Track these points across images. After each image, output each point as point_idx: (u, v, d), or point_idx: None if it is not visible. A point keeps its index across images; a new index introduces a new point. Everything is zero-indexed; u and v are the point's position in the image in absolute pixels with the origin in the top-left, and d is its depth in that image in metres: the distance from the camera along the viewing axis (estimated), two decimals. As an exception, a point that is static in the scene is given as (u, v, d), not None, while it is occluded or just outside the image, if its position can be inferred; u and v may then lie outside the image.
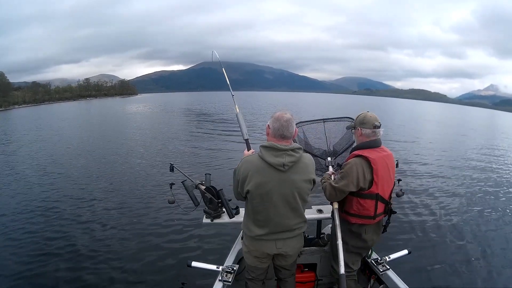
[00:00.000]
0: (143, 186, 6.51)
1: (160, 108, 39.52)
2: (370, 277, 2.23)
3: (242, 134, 2.24)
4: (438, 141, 14.99)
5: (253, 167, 1.63)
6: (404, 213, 5.20)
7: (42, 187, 6.59)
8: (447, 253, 3.99)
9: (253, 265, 1.87)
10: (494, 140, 16.92)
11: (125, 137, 13.97)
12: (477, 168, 9.11)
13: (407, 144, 12.93)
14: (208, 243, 4.02)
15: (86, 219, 4.85)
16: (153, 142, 12.50)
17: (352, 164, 1.82)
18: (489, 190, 6.86)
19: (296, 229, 1.76)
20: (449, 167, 8.93)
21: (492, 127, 30.85)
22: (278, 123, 1.62)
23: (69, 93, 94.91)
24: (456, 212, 5.40)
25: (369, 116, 1.89)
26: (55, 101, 79.10)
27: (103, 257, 3.73)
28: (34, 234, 4.33)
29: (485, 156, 11.27)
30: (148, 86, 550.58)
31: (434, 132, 20.01)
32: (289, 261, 1.88)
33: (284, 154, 1.59)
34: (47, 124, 21.49)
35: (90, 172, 7.80)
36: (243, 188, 1.67)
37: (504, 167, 9.47)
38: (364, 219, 1.89)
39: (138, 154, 10.12)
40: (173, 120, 23.19)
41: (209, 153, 10.05)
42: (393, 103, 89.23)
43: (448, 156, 10.84)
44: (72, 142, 12.92)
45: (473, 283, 3.40)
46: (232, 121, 20.36)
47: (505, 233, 4.65)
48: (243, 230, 1.86)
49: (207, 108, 35.56)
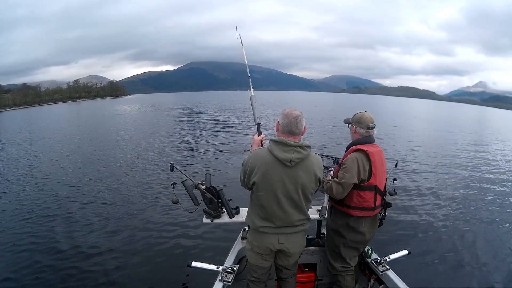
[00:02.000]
0: (142, 186, 6.50)
1: (153, 108, 38.91)
2: (370, 277, 2.23)
3: (254, 117, 2.25)
4: (432, 138, 14.99)
5: (261, 160, 1.68)
6: (404, 213, 5.20)
7: (41, 187, 6.61)
8: (447, 253, 3.98)
9: (256, 264, 1.87)
10: (491, 136, 16.98)
11: (122, 138, 13.91)
12: (476, 167, 9.10)
13: (401, 141, 12.93)
14: (208, 243, 4.01)
15: (86, 220, 4.84)
16: (152, 142, 12.47)
17: (353, 157, 1.92)
18: (489, 188, 6.85)
19: (299, 225, 1.79)
20: (448, 166, 8.92)
21: (487, 122, 30.91)
22: (287, 119, 1.68)
23: (59, 95, 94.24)
24: (456, 212, 5.39)
25: (365, 116, 2.00)
26: (45, 103, 78.17)
27: (102, 257, 3.73)
28: (35, 234, 4.34)
29: (484, 154, 11.27)
30: (137, 87, 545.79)
31: (427, 130, 20.07)
32: (291, 260, 1.90)
33: (292, 150, 1.63)
34: (45, 126, 21.44)
35: (90, 173, 7.80)
36: (249, 180, 1.72)
37: (501, 164, 9.47)
38: (364, 211, 1.97)
39: (137, 154, 10.11)
40: (169, 120, 23.12)
41: (208, 153, 10.03)
42: (382, 100, 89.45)
43: (446, 155, 10.82)
44: (70, 143, 12.94)
45: (474, 283, 3.40)
46: (231, 121, 20.36)
47: (506, 233, 4.65)
48: (247, 223, 1.89)
49: (201, 108, 35.38)
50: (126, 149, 11.08)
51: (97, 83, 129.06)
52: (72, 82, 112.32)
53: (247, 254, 1.92)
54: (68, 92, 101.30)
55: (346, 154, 2.00)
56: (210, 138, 12.99)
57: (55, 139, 14.25)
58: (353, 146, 1.98)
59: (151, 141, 12.53)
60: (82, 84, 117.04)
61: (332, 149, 10.06)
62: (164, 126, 18.58)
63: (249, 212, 1.85)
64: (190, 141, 12.40)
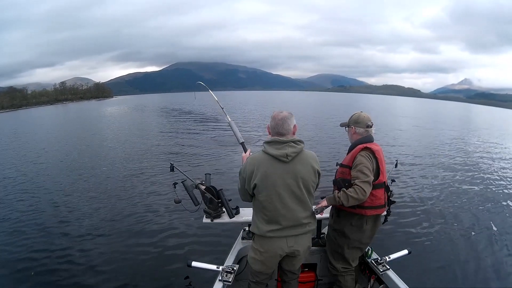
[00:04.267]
0: (142, 186, 6.51)
1: (145, 109, 38.21)
2: (370, 277, 2.22)
3: (237, 139, 2.41)
4: (425, 136, 14.91)
5: (258, 161, 1.70)
6: (404, 213, 5.20)
7: (41, 188, 6.62)
8: (447, 253, 3.98)
9: (260, 271, 1.86)
10: (493, 134, 16.97)
11: (120, 138, 13.85)
12: (476, 167, 9.09)
13: (389, 140, 12.88)
14: (208, 243, 4.01)
15: (85, 220, 4.85)
16: (149, 142, 12.47)
17: (364, 156, 1.91)
18: (489, 188, 6.84)
19: (307, 225, 1.78)
20: (446, 165, 8.92)
21: (476, 119, 30.85)
22: (274, 122, 1.72)
23: (46, 97, 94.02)
24: (456, 212, 5.40)
25: (362, 116, 2.02)
26: (32, 105, 77.83)
27: (102, 258, 3.73)
28: (35, 235, 4.35)
29: (484, 154, 11.26)
30: (122, 88, 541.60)
31: (419, 128, 19.74)
32: (297, 264, 1.91)
33: (286, 146, 1.67)
34: (40, 129, 21.30)
35: (89, 173, 7.81)
36: (250, 184, 1.71)
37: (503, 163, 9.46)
38: (377, 209, 1.98)
39: (136, 154, 10.11)
40: (163, 121, 22.96)
41: (208, 153, 10.03)
42: (367, 99, 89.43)
43: (443, 154, 10.82)
44: (66, 145, 12.94)
45: (474, 283, 3.40)
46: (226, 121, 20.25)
47: (506, 233, 4.65)
48: (252, 232, 1.84)
49: (194, 108, 34.76)
50: (126, 148, 11.09)
51: (83, 85, 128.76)
52: (58, 84, 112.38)
53: (250, 261, 1.90)
54: (55, 95, 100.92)
55: (352, 154, 1.96)
56: (211, 138, 13.01)
57: (52, 141, 14.27)
58: (358, 145, 1.96)
59: (150, 142, 12.52)
60: (68, 86, 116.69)
61: (315, 149, 10.03)
62: (161, 127, 18.51)
63: (253, 219, 1.83)
64: (190, 141, 12.40)
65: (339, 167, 2.07)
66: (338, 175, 2.05)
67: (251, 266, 1.89)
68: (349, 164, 1.95)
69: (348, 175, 1.93)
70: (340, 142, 10.98)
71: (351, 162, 1.93)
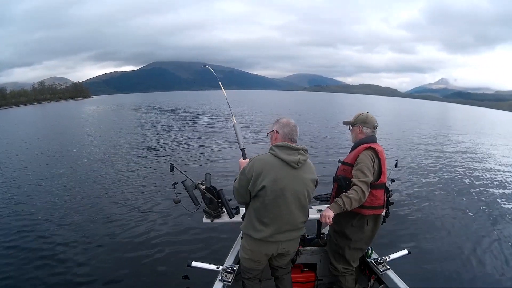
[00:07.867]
0: (141, 186, 6.50)
1: (126, 108, 37.97)
2: (370, 277, 2.22)
3: (238, 143, 2.31)
4: (429, 138, 15.02)
5: (268, 164, 1.69)
6: (404, 213, 5.20)
7: (41, 189, 6.62)
8: (447, 253, 3.98)
9: (251, 267, 1.91)
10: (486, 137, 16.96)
11: (117, 139, 13.73)
12: (474, 164, 9.10)
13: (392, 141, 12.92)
14: (208, 243, 4.01)
15: (85, 220, 4.85)
16: (146, 141, 12.47)
17: (367, 155, 1.92)
18: (489, 187, 6.85)
19: (300, 229, 1.83)
20: (445, 165, 8.93)
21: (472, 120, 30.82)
22: (288, 128, 1.77)
23: (25, 97, 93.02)
24: (456, 212, 5.40)
25: (370, 116, 2.05)
26: (11, 105, 76.14)
27: (101, 258, 3.73)
28: (36, 235, 4.34)
29: (481, 154, 11.28)
30: (99, 88, 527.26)
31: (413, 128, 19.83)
32: (286, 260, 1.96)
33: (297, 153, 1.71)
34: (41, 128, 21.29)
35: (89, 173, 7.80)
36: (255, 185, 1.68)
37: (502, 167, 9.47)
38: (376, 210, 1.98)
39: (135, 154, 10.11)
40: (159, 121, 22.82)
41: (208, 153, 10.03)
42: (343, 98, 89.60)
43: (441, 153, 10.82)
44: (52, 145, 12.90)
45: (474, 283, 3.40)
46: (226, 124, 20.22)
47: (507, 232, 4.65)
48: (244, 233, 1.85)
49: (195, 108, 34.35)
50: (127, 149, 11.07)
51: (61, 84, 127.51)
52: (36, 84, 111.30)
53: (241, 259, 1.93)
54: (34, 94, 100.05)
55: (355, 152, 1.97)
56: (209, 138, 13.00)
57: (52, 141, 14.25)
58: (362, 144, 1.97)
59: (147, 142, 12.52)
60: (46, 86, 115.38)
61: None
62: (160, 128, 18.51)
63: (247, 221, 1.79)
64: (190, 141, 12.39)
65: (341, 164, 2.08)
66: (339, 172, 2.06)
67: (243, 264, 1.93)
68: (351, 162, 1.96)
69: (349, 173, 1.94)
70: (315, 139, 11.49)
71: (354, 160, 1.95)
